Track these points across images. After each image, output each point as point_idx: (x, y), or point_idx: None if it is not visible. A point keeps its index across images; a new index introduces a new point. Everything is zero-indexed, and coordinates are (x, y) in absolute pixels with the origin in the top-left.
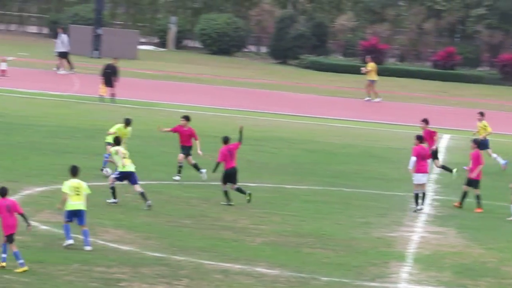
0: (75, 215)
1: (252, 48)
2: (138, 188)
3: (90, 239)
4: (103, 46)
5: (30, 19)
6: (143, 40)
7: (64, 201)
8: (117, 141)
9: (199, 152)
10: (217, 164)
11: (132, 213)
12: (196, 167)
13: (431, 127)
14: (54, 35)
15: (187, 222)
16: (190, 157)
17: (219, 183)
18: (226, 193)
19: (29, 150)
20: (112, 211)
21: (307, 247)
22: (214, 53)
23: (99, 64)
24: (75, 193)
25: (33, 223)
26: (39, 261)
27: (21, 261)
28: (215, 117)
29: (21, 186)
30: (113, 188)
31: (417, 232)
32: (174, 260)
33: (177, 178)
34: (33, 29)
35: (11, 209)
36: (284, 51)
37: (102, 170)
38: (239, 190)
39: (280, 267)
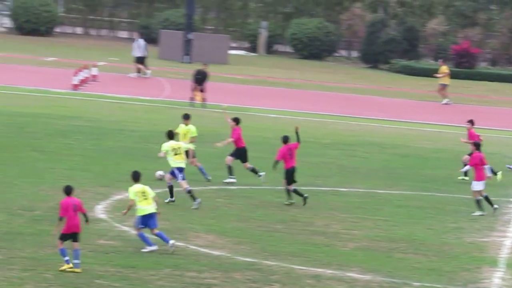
0: (149, 219)
1: (343, 52)
2: (184, 184)
3: (181, 243)
4: (193, 51)
5: (121, 24)
6: (233, 45)
7: (129, 208)
8: (170, 135)
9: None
10: (276, 162)
11: (223, 218)
12: (254, 171)
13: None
14: (144, 40)
15: (278, 227)
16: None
17: (283, 183)
18: (288, 191)
19: (120, 155)
20: (203, 216)
21: (399, 252)
22: (305, 57)
23: (190, 69)
24: (143, 197)
25: (124, 228)
26: (131, 266)
27: (77, 261)
28: (306, 121)
29: (112, 191)
30: (170, 187)
31: (510, 237)
32: (266, 265)
33: (232, 180)
34: (123, 34)
35: (77, 208)
36: (375, 55)
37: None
38: (296, 191)
39: (372, 272)
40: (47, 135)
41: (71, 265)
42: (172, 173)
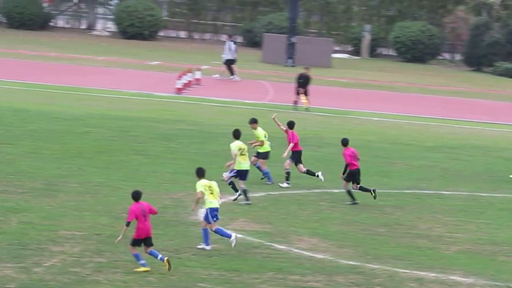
0: (211, 213)
1: (446, 55)
2: (242, 184)
3: (284, 247)
4: (297, 54)
5: (224, 28)
6: (337, 48)
7: (197, 201)
8: (236, 135)
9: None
10: (346, 166)
11: (326, 221)
12: (309, 173)
13: None
14: (247, 43)
15: (381, 230)
16: (300, 165)
17: (343, 182)
18: (349, 192)
19: (223, 159)
20: (306, 220)
21: (502, 255)
22: (408, 60)
23: (293, 73)
24: (209, 191)
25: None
26: (234, 269)
27: (160, 256)
28: (409, 125)
29: None
30: (232, 183)
31: None
32: (368, 269)
33: (285, 185)
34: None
35: (146, 213)
36: (479, 58)
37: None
38: (362, 188)
39: (474, 275)
40: (151, 139)
41: (148, 268)
42: (233, 172)
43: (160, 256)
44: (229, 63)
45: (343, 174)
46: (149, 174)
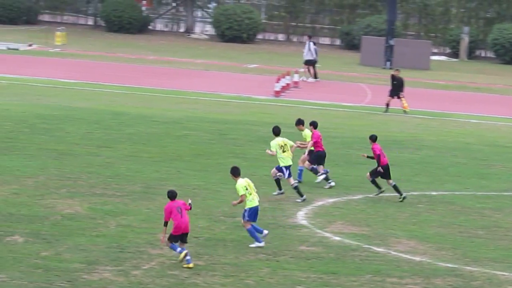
0: (254, 212)
1: None
2: (292, 181)
3: (382, 249)
4: (395, 57)
5: (323, 30)
6: (435, 50)
7: (241, 202)
8: (276, 132)
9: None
10: (378, 161)
11: (424, 223)
12: (313, 171)
13: None
14: (345, 46)
15: (480, 233)
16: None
17: (369, 178)
18: (374, 181)
19: None
20: (405, 222)
21: None
22: (507, 62)
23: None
24: (248, 192)
25: (325, 234)
26: (332, 272)
27: (178, 249)
28: (507, 127)
29: (314, 197)
30: (277, 181)
31: None
32: (467, 271)
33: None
34: (325, 40)
35: (181, 210)
36: None
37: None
38: (396, 188)
39: None
40: (249, 142)
41: (185, 251)
42: (280, 169)
43: (179, 249)
44: (308, 63)
45: (378, 167)
46: (247, 176)
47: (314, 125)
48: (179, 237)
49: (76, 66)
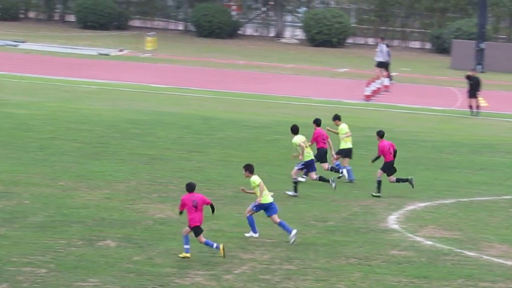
0: (268, 207)
1: None
2: (313, 175)
3: (474, 254)
4: (486, 60)
5: (413, 34)
6: None
7: (262, 191)
8: (295, 130)
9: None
10: (377, 157)
11: None
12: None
13: None
14: (436, 50)
15: None
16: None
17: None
18: (379, 183)
19: (413, 166)
20: (496, 226)
21: None
22: None
23: (483, 79)
24: (264, 187)
25: (416, 238)
26: (424, 276)
27: (215, 244)
28: None
29: (405, 201)
30: (321, 177)
31: None
32: None
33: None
34: (415, 44)
35: (197, 204)
36: None
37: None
38: (398, 180)
39: None
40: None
41: (188, 255)
42: (299, 167)
43: (215, 244)
44: (380, 66)
45: (372, 162)
46: (339, 181)
47: (317, 122)
48: (192, 229)
49: (166, 71)
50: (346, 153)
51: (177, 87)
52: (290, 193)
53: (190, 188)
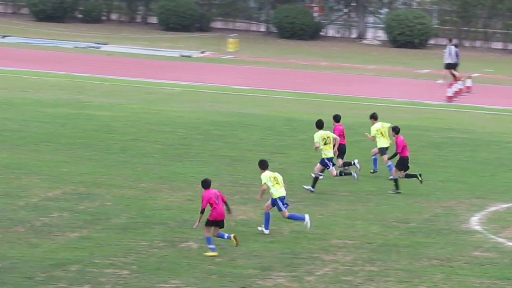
0: (281, 201)
1: None
2: (334, 171)
3: None
4: None
5: (495, 35)
6: None
7: (263, 192)
8: (319, 125)
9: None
10: (395, 154)
11: None
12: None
13: None
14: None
15: None
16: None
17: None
18: (396, 181)
19: (495, 167)
20: None
21: None
22: None
23: None
24: (275, 182)
25: (499, 239)
26: (507, 278)
27: (227, 235)
28: None
29: (487, 203)
30: (315, 179)
31: None
32: None
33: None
34: (497, 45)
35: (219, 197)
36: None
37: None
38: (408, 175)
39: None
40: (421, 147)
41: (216, 253)
42: (322, 163)
43: (226, 235)
44: (449, 67)
45: (389, 159)
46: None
47: (336, 118)
48: (215, 223)
49: (248, 72)
50: (383, 151)
51: (259, 88)
52: (307, 187)
53: (206, 184)
